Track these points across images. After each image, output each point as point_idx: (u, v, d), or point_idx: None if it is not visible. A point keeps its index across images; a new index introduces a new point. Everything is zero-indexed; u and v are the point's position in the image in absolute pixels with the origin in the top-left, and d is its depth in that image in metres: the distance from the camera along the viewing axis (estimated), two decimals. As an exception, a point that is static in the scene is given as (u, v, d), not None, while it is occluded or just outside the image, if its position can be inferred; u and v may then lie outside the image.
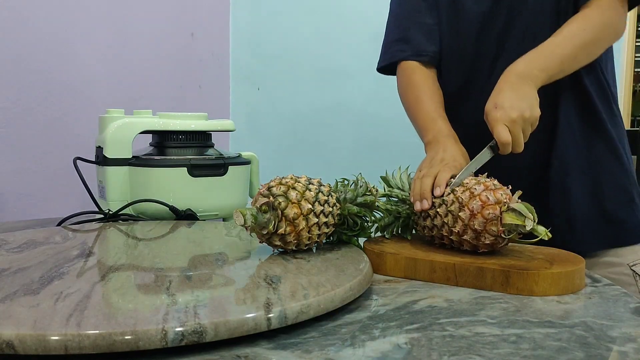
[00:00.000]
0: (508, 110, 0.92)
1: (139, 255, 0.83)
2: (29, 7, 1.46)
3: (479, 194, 0.81)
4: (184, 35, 1.97)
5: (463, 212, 0.82)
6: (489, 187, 0.82)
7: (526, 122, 0.92)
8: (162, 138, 1.21)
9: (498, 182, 0.85)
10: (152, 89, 1.82)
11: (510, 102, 0.92)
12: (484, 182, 0.84)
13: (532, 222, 0.78)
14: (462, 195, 0.83)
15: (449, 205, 0.84)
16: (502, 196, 0.81)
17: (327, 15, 2.19)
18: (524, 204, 0.80)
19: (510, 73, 0.97)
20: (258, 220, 0.77)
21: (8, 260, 0.78)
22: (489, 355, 0.55)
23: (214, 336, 0.54)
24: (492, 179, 0.86)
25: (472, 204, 0.81)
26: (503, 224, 0.79)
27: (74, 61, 1.57)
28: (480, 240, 0.81)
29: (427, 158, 0.99)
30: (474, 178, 0.87)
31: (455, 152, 0.99)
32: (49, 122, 1.51)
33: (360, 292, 0.69)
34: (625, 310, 0.68)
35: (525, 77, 0.96)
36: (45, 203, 1.49)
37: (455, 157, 0.96)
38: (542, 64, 0.97)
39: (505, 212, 0.79)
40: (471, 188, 0.83)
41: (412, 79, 1.15)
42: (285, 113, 2.24)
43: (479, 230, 0.80)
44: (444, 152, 0.98)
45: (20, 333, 0.51)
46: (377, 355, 0.55)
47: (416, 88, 1.13)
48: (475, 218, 0.80)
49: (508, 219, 0.79)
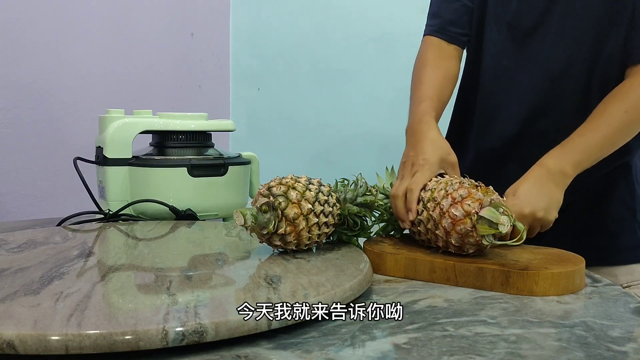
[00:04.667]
0: (523, 203, 0.88)
1: (139, 255, 0.83)
2: (29, 7, 1.46)
3: (447, 210, 0.80)
4: (184, 35, 1.97)
5: (439, 230, 0.81)
6: (456, 200, 0.80)
7: (536, 222, 0.89)
8: (162, 138, 1.21)
9: (467, 180, 0.84)
10: (152, 89, 1.82)
11: (528, 197, 0.89)
12: (451, 193, 0.81)
13: (507, 224, 0.76)
14: (434, 213, 0.82)
15: (426, 224, 0.84)
16: (471, 206, 0.78)
17: (327, 15, 2.18)
18: (495, 204, 0.78)
19: (541, 167, 0.93)
20: (258, 220, 0.77)
21: (8, 260, 0.78)
22: (489, 355, 0.55)
23: (214, 336, 0.54)
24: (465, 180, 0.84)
25: (443, 223, 0.80)
26: (479, 234, 0.78)
27: (74, 61, 1.57)
28: (464, 250, 0.80)
29: (402, 159, 0.97)
30: (443, 181, 0.85)
31: (427, 147, 0.94)
32: (49, 122, 1.51)
33: (360, 292, 0.69)
34: (625, 310, 0.69)
35: (554, 175, 0.91)
36: (45, 203, 1.49)
37: (427, 158, 0.92)
38: (576, 159, 0.93)
39: (478, 224, 0.78)
40: (440, 203, 0.81)
41: (425, 58, 1.12)
42: (285, 113, 2.23)
43: (459, 244, 0.80)
44: (415, 152, 0.94)
45: (21, 333, 0.51)
46: (377, 355, 0.55)
47: (423, 68, 1.10)
48: (451, 235, 0.80)
49: (481, 230, 0.77)
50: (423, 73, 1.09)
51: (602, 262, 1.04)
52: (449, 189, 0.82)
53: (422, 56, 1.13)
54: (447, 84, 1.09)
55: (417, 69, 1.12)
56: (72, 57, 1.56)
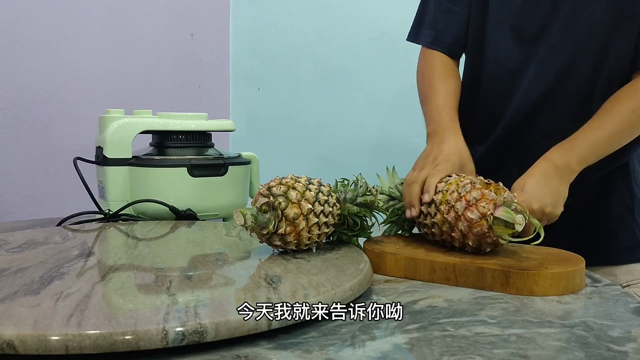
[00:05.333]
0: (531, 199, 0.89)
1: (139, 255, 0.83)
2: (29, 7, 1.46)
3: (462, 213, 0.81)
4: (184, 35, 1.97)
5: (455, 233, 0.82)
6: (470, 202, 0.80)
7: (544, 217, 0.90)
8: (162, 138, 1.21)
9: (477, 179, 0.84)
10: (152, 89, 1.82)
11: (536, 192, 0.90)
12: (464, 195, 0.81)
13: (523, 222, 0.77)
14: (448, 216, 0.82)
15: (441, 226, 0.84)
16: (485, 208, 0.79)
17: (327, 15, 2.18)
18: (509, 203, 0.79)
19: (547, 161, 0.93)
20: (258, 220, 0.77)
21: (8, 260, 0.78)
22: (489, 355, 0.55)
23: (214, 336, 0.54)
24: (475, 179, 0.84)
25: (460, 226, 0.81)
26: (495, 234, 0.79)
27: (74, 61, 1.57)
28: (482, 249, 0.82)
29: (423, 154, 0.98)
30: (453, 182, 0.85)
31: (451, 148, 0.96)
32: (49, 122, 1.51)
33: (360, 292, 0.69)
34: (625, 310, 0.69)
35: (560, 171, 0.92)
36: (45, 203, 1.49)
37: (449, 156, 0.94)
38: (582, 155, 0.94)
39: (494, 225, 0.78)
40: (455, 206, 0.82)
41: (431, 65, 1.13)
42: (285, 113, 2.23)
43: (477, 245, 0.81)
44: (439, 149, 0.96)
45: (21, 333, 0.51)
46: (377, 355, 0.55)
47: (433, 75, 1.11)
48: (468, 237, 0.81)
49: (498, 230, 0.78)
50: (435, 80, 1.10)
51: (601, 262, 1.05)
52: (462, 191, 0.82)
53: (427, 64, 1.14)
54: (458, 90, 1.11)
55: (426, 76, 1.13)
56: (72, 57, 1.56)
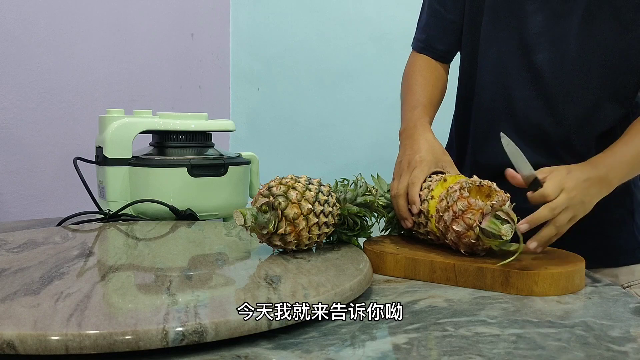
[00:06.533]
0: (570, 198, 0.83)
1: (139, 255, 0.83)
2: (29, 7, 1.46)
3: (450, 225, 0.81)
4: (183, 35, 1.97)
5: (448, 240, 0.83)
6: (457, 214, 0.80)
7: (570, 222, 0.85)
8: (162, 138, 1.21)
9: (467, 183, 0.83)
10: (152, 89, 1.82)
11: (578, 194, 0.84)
12: (452, 206, 0.81)
13: (509, 233, 0.76)
14: (439, 225, 0.83)
15: (436, 233, 0.85)
16: (472, 219, 0.78)
17: (327, 15, 2.19)
18: (497, 208, 0.78)
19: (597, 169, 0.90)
20: (258, 220, 0.77)
21: (8, 260, 0.78)
22: (489, 355, 0.55)
23: (214, 336, 0.54)
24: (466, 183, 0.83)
25: (449, 236, 0.82)
26: (484, 244, 0.79)
27: (74, 61, 1.57)
28: (476, 253, 0.82)
29: (397, 159, 0.97)
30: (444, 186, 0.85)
31: (422, 146, 0.95)
32: (49, 122, 1.51)
33: (360, 292, 0.69)
34: (625, 310, 0.69)
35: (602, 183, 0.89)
36: (45, 203, 1.49)
37: (423, 156, 0.93)
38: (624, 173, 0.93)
39: (481, 236, 0.78)
40: (443, 217, 0.82)
41: (413, 67, 1.14)
42: (285, 113, 2.23)
43: (469, 251, 0.81)
44: (411, 151, 0.95)
45: (21, 333, 0.51)
46: (377, 355, 0.55)
47: (413, 77, 1.12)
48: (459, 245, 0.81)
49: (486, 241, 0.78)
50: (413, 81, 1.11)
51: (601, 263, 1.05)
52: (450, 200, 0.82)
53: (410, 66, 1.15)
54: (438, 91, 1.11)
55: (406, 78, 1.14)
56: (72, 57, 1.56)
